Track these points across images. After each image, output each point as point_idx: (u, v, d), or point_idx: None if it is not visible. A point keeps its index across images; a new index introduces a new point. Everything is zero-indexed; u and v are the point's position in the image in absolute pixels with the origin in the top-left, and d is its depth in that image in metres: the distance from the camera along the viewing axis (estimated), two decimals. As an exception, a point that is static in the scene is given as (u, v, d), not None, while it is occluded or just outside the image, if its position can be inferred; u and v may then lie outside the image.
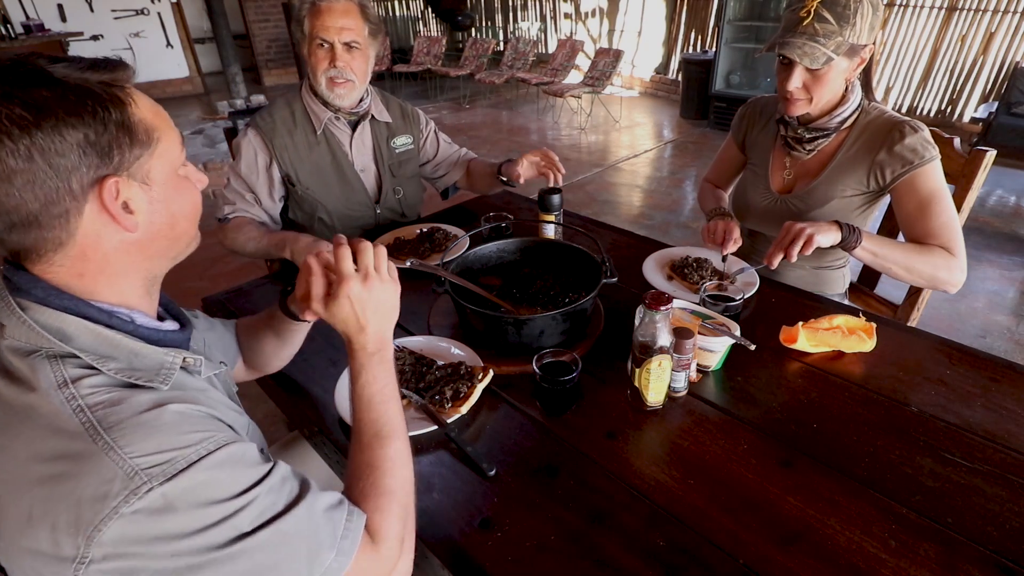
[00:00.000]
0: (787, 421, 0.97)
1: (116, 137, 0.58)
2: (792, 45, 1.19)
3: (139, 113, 0.61)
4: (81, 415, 0.54)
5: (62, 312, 0.59)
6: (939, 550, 0.75)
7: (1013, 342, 2.58)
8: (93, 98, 0.57)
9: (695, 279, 1.34)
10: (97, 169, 0.57)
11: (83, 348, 0.58)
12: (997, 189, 4.21)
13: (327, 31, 1.48)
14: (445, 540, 0.79)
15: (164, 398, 0.59)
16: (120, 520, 0.51)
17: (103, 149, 0.57)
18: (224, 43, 6.25)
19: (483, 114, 6.85)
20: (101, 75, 0.59)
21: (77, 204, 0.57)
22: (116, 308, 0.63)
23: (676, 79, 6.94)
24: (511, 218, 1.58)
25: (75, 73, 0.57)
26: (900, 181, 1.27)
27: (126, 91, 0.60)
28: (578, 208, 3.93)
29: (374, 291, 0.74)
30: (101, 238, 0.60)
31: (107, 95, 0.58)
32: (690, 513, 0.81)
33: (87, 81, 0.57)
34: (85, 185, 0.57)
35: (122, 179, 0.59)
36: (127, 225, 0.60)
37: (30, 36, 5.92)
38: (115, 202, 0.59)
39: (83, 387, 0.56)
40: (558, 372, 0.97)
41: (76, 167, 0.56)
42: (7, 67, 0.55)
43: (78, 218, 0.58)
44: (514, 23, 8.74)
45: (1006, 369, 1.07)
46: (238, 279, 1.46)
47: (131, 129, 0.59)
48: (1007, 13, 4.84)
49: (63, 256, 0.60)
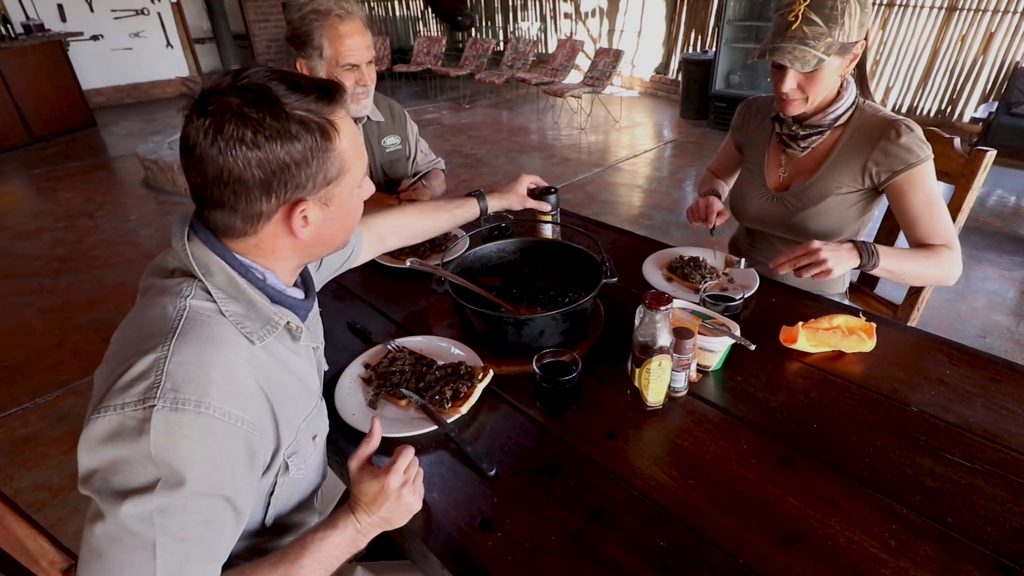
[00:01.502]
0: (787, 421, 0.97)
1: (316, 168, 0.69)
2: (782, 51, 1.19)
3: (340, 146, 0.71)
4: (178, 319, 0.66)
5: (212, 253, 0.71)
6: (939, 550, 0.75)
7: (1013, 342, 2.58)
8: (308, 130, 0.67)
9: (695, 279, 1.34)
10: (294, 192, 0.69)
11: (216, 284, 0.70)
12: (997, 189, 4.21)
13: (355, 55, 1.50)
14: (445, 540, 0.80)
15: (242, 351, 0.69)
16: (117, 415, 0.60)
17: (302, 180, 0.68)
18: (224, 43, 6.25)
19: (483, 114, 6.85)
20: (323, 106, 0.69)
21: (268, 214, 0.70)
22: (255, 264, 0.74)
23: (676, 79, 6.94)
24: (511, 218, 1.58)
25: (304, 104, 0.67)
26: (895, 180, 1.27)
27: (336, 125, 0.70)
28: (578, 208, 3.93)
29: (404, 497, 0.78)
30: (277, 238, 0.73)
31: (321, 128, 0.68)
32: (690, 513, 0.81)
33: (310, 116, 0.67)
34: (280, 202, 0.69)
35: (309, 202, 0.70)
36: (301, 236, 0.72)
37: (30, 36, 5.91)
38: (299, 217, 0.71)
39: (195, 303, 0.68)
40: (558, 372, 0.97)
41: (278, 188, 0.67)
42: (244, 83, 0.65)
43: (266, 223, 0.70)
44: (514, 23, 8.74)
45: (1006, 369, 1.07)
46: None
47: (329, 163, 0.70)
48: (1007, 13, 4.84)
49: (242, 240, 0.72)
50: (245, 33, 8.08)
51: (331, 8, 1.46)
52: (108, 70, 7.35)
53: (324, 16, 1.46)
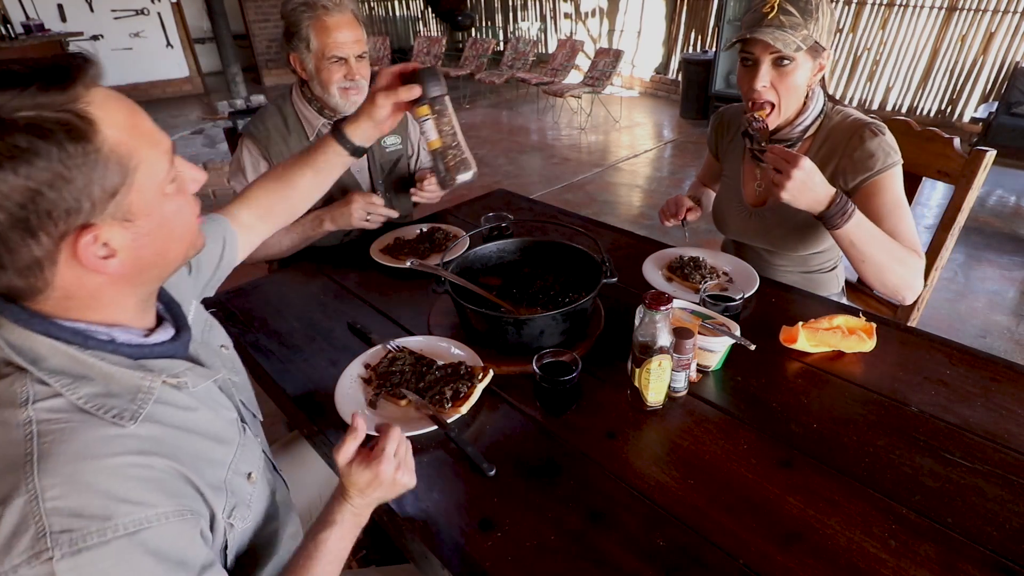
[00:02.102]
0: (787, 421, 0.97)
1: (83, 187, 0.51)
2: (762, 32, 1.18)
3: (110, 139, 0.53)
4: (29, 442, 0.51)
5: (33, 332, 0.56)
6: (939, 550, 0.75)
7: (1013, 342, 2.58)
8: (44, 138, 0.48)
9: (695, 279, 1.34)
10: (67, 221, 0.51)
11: (55, 369, 0.55)
12: (997, 189, 4.21)
13: (341, 47, 1.48)
14: (445, 540, 0.79)
15: (122, 443, 0.55)
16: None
17: (67, 200, 0.51)
18: (224, 43, 6.24)
19: (483, 114, 6.85)
20: (56, 95, 0.49)
21: (49, 256, 0.53)
22: (93, 327, 0.59)
23: (676, 79, 6.94)
24: (511, 218, 1.58)
25: (24, 102, 0.47)
26: (862, 188, 1.24)
27: (88, 114, 0.51)
28: (578, 208, 3.93)
29: (399, 480, 0.77)
30: (82, 281, 0.56)
31: (66, 131, 0.49)
32: (690, 513, 0.81)
33: (40, 116, 0.48)
34: (53, 241, 0.52)
35: (98, 224, 0.54)
36: (107, 271, 0.56)
37: (30, 36, 5.92)
38: (92, 249, 0.54)
39: (41, 410, 0.53)
40: (558, 372, 0.97)
41: (37, 227, 0.50)
42: None
43: (52, 268, 0.54)
44: (514, 23, 8.74)
45: (1006, 369, 1.07)
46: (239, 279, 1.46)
47: (98, 165, 0.52)
48: (1007, 13, 4.84)
49: (45, 298, 0.56)
50: (245, 33, 8.09)
51: (319, 0, 1.45)
52: (108, 70, 7.22)
53: (311, 8, 1.45)
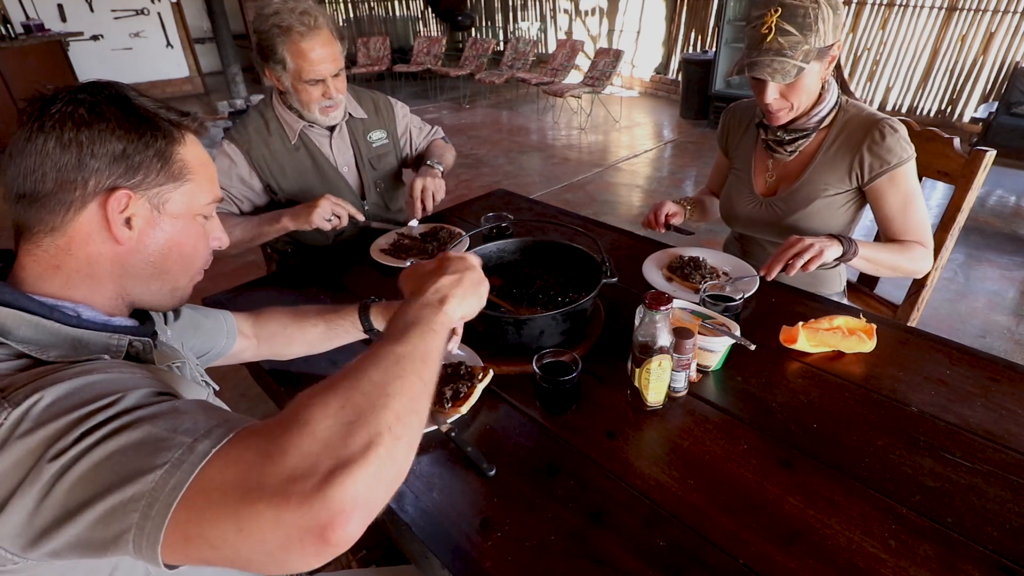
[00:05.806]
0: (787, 421, 0.97)
1: (150, 160, 0.63)
2: (760, 65, 1.19)
3: (184, 154, 0.66)
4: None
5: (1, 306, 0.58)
6: (939, 550, 0.75)
7: (1013, 342, 2.58)
8: (149, 124, 0.63)
9: (695, 279, 1.34)
10: (117, 179, 0.62)
11: (23, 339, 0.57)
12: (997, 189, 4.21)
13: (318, 71, 1.46)
14: (445, 540, 0.79)
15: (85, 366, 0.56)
16: None
17: (132, 165, 0.62)
18: (224, 43, 6.24)
19: (483, 114, 6.85)
20: (171, 114, 0.66)
21: (83, 200, 0.61)
22: (61, 302, 0.63)
23: (676, 79, 6.93)
24: (511, 218, 1.59)
25: (150, 104, 0.64)
26: (878, 180, 1.29)
27: (184, 134, 0.67)
28: (578, 208, 3.93)
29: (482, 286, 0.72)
30: (90, 239, 0.63)
31: (163, 128, 0.64)
32: (690, 513, 0.81)
33: (155, 114, 0.64)
34: (99, 188, 0.61)
35: (135, 195, 0.63)
36: (119, 236, 0.63)
37: (30, 36, 5.91)
38: (118, 213, 0.62)
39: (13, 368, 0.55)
40: (558, 372, 0.97)
41: (100, 170, 0.61)
42: (97, 83, 0.63)
43: (78, 212, 0.62)
44: (514, 23, 8.74)
45: (1006, 369, 1.07)
46: (238, 279, 1.46)
47: (168, 160, 0.64)
48: (1007, 13, 4.84)
49: (50, 242, 0.62)
50: (245, 33, 8.07)
51: (292, 24, 1.41)
52: (108, 70, 7.34)
53: (286, 32, 1.42)
